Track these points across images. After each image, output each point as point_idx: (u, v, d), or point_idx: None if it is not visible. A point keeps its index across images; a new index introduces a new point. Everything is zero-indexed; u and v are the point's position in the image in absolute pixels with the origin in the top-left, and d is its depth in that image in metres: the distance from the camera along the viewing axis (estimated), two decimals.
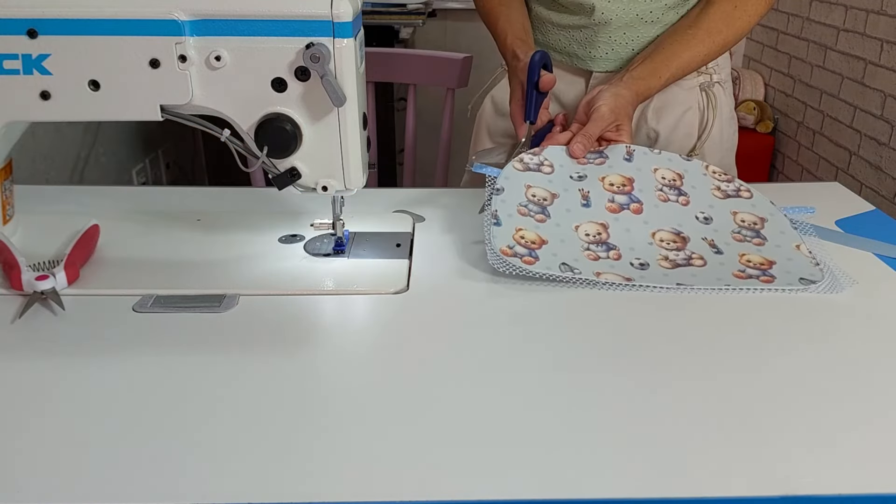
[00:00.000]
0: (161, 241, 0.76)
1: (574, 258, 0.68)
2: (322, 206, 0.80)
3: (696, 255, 0.71)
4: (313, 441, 0.47)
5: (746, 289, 0.66)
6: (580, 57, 0.98)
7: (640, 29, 0.94)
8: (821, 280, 0.67)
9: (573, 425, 0.49)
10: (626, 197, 0.75)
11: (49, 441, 0.47)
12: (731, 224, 0.75)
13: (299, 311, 0.63)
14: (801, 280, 0.67)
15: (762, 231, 0.74)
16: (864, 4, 2.24)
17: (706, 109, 1.00)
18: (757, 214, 0.76)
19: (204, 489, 0.43)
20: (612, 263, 0.68)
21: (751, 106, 2.76)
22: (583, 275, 0.66)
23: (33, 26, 0.61)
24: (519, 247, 0.68)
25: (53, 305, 0.62)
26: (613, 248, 0.70)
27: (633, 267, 0.68)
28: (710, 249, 0.71)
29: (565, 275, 0.66)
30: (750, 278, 0.67)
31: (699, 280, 0.67)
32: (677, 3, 0.93)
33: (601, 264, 0.68)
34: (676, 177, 0.78)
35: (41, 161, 1.44)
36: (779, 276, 0.68)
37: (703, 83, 0.99)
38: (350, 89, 0.63)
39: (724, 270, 0.69)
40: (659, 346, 0.58)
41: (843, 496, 0.43)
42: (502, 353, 0.57)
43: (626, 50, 0.95)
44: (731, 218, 0.75)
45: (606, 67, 0.97)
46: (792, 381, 0.54)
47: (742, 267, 0.69)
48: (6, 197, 0.74)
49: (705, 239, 0.73)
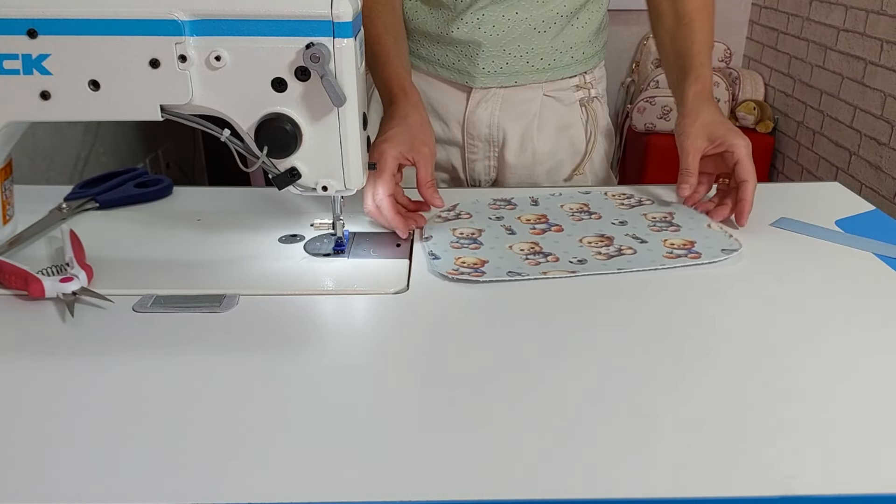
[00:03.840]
0: (161, 241, 0.76)
1: (518, 267, 0.71)
2: (322, 206, 0.80)
3: (626, 246, 0.75)
4: (313, 441, 0.47)
5: (683, 266, 0.71)
6: (470, 73, 0.95)
7: (534, 40, 0.94)
8: (739, 248, 0.73)
9: (573, 424, 0.49)
10: (545, 224, 0.81)
11: (48, 441, 0.47)
12: (645, 221, 0.81)
13: (299, 311, 0.63)
14: (724, 251, 0.73)
15: (674, 220, 0.81)
16: (864, 4, 2.24)
17: (587, 124, 1.01)
18: (664, 210, 0.84)
19: (204, 489, 0.43)
20: (553, 265, 0.71)
21: (751, 106, 2.76)
22: (530, 276, 0.69)
23: (33, 26, 0.61)
24: (463, 268, 0.70)
25: (97, 301, 0.63)
26: (550, 254, 0.74)
27: (572, 264, 0.71)
28: (636, 241, 0.76)
29: (514, 279, 0.68)
30: (679, 257, 0.72)
31: (635, 264, 0.71)
32: (571, 11, 0.93)
33: (544, 266, 0.71)
34: (582, 206, 0.85)
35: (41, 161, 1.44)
36: (703, 252, 0.73)
37: (582, 98, 1.00)
38: (350, 89, 0.63)
39: (654, 255, 0.73)
40: (659, 346, 0.58)
41: (843, 496, 0.43)
42: (502, 353, 0.57)
43: (519, 62, 0.95)
44: (642, 219, 0.82)
45: (490, 84, 0.96)
46: (792, 381, 0.54)
47: (668, 249, 0.74)
48: (6, 197, 0.74)
49: (628, 234, 0.78)
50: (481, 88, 0.96)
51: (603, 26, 1.00)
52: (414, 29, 0.97)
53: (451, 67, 0.96)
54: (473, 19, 0.92)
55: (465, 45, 0.93)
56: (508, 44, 0.93)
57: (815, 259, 0.73)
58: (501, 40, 0.92)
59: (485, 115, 0.97)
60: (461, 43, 0.93)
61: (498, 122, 0.98)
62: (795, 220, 0.82)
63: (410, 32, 0.97)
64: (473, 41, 0.92)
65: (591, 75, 1.00)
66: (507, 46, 0.93)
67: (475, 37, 0.92)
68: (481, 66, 0.94)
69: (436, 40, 0.95)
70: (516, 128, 0.98)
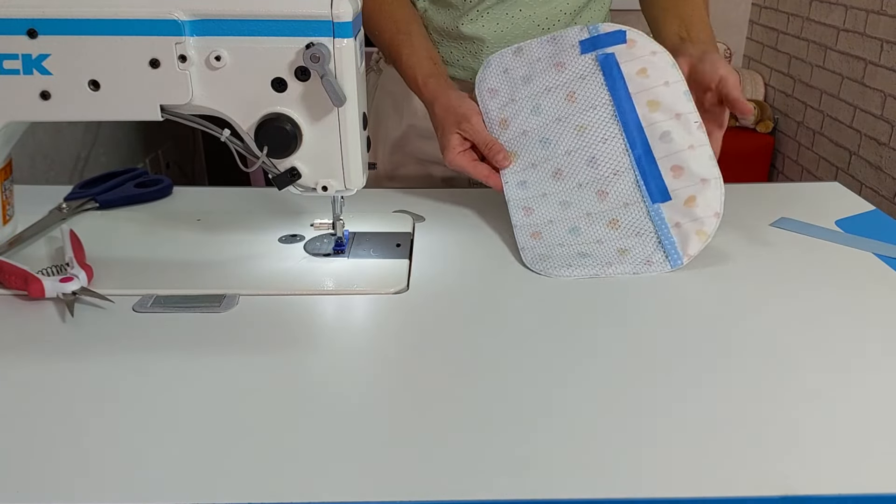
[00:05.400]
0: (161, 241, 0.76)
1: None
2: (322, 206, 0.80)
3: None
4: (313, 441, 0.47)
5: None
6: (474, 70, 0.94)
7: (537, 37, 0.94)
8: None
9: (573, 424, 0.49)
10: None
11: (48, 441, 0.47)
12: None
13: (299, 311, 0.63)
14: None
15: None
16: (864, 4, 2.24)
17: None
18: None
19: (204, 489, 0.43)
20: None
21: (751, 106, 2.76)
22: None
23: (33, 26, 0.61)
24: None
25: (97, 301, 0.63)
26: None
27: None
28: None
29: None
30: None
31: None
32: (574, 9, 0.93)
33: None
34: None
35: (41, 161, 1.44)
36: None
37: None
38: (350, 89, 0.63)
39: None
40: (659, 346, 0.58)
41: (843, 496, 0.43)
42: (502, 353, 0.57)
43: None
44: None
45: None
46: (792, 381, 0.54)
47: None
48: (6, 197, 0.74)
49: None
50: None
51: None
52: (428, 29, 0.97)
53: (456, 64, 0.96)
54: (478, 17, 0.92)
55: (469, 42, 0.94)
56: (512, 41, 0.93)
57: (815, 259, 0.73)
58: (505, 37, 0.93)
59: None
60: (466, 39, 0.93)
61: None
62: (795, 220, 0.82)
63: None
64: (478, 38, 0.93)
65: None
66: (510, 43, 0.93)
67: (479, 33, 0.92)
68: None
69: (443, 37, 0.95)
70: None
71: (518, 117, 0.80)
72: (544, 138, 0.78)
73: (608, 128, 0.77)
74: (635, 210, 0.74)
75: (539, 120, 0.79)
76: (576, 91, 0.78)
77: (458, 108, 0.81)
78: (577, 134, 0.77)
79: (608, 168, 0.76)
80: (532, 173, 0.78)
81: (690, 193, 0.73)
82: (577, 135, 0.77)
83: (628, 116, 0.76)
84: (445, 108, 0.82)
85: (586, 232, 0.74)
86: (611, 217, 0.74)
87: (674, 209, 0.73)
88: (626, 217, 0.74)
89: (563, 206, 0.76)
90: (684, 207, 0.72)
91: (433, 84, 0.85)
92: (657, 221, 0.73)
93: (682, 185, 0.73)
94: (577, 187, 0.76)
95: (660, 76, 0.77)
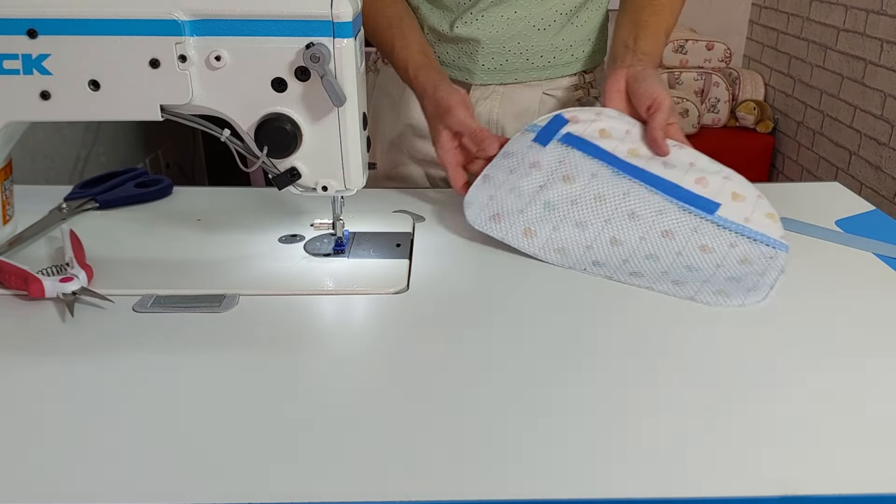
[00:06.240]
0: (161, 241, 0.76)
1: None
2: (322, 206, 0.80)
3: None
4: (313, 441, 0.47)
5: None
6: (469, 70, 0.95)
7: (534, 38, 0.93)
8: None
9: (573, 425, 0.49)
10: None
11: (48, 441, 0.47)
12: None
13: (299, 311, 0.63)
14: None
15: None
16: (864, 4, 2.24)
17: None
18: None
19: (204, 489, 0.43)
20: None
21: (751, 106, 2.76)
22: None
23: (33, 26, 0.61)
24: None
25: (97, 301, 0.63)
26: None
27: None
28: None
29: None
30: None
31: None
32: (571, 9, 0.93)
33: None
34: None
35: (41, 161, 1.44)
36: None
37: (581, 98, 1.00)
38: (350, 89, 0.63)
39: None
40: (659, 345, 0.58)
41: (843, 496, 0.43)
42: (502, 353, 0.57)
43: (519, 60, 0.95)
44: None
45: (490, 81, 0.96)
46: (792, 381, 0.54)
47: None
48: (6, 197, 0.74)
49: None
50: (481, 86, 0.96)
51: (604, 25, 1.00)
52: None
53: (452, 65, 0.96)
54: (473, 19, 0.92)
55: (465, 43, 0.94)
56: (508, 41, 0.93)
57: (815, 259, 0.73)
58: (501, 38, 0.92)
59: (484, 112, 0.97)
60: (461, 40, 0.93)
61: (497, 120, 0.98)
62: (795, 220, 0.82)
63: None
64: (473, 38, 0.92)
65: (591, 75, 1.00)
66: (506, 44, 0.93)
67: (475, 34, 0.92)
68: (481, 63, 0.94)
69: (437, 37, 0.95)
70: (515, 125, 0.98)
71: (542, 221, 0.74)
72: (578, 222, 0.74)
73: (621, 182, 0.76)
74: (706, 228, 0.73)
75: (560, 212, 0.75)
76: (568, 172, 0.77)
77: (442, 101, 0.81)
78: (600, 203, 0.75)
79: (651, 210, 0.74)
80: (592, 254, 0.72)
81: (729, 191, 0.75)
82: (600, 203, 0.75)
83: (625, 166, 0.77)
84: (434, 103, 0.82)
85: (680, 268, 0.70)
86: (699, 244, 0.72)
87: (730, 210, 0.74)
88: (705, 237, 0.72)
89: (650, 260, 0.71)
90: (735, 203, 0.74)
91: (423, 76, 0.85)
92: (732, 226, 0.73)
93: (714, 190, 0.75)
94: (641, 241, 0.73)
95: (621, 127, 0.80)
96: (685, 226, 0.73)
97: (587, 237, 0.73)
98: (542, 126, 0.81)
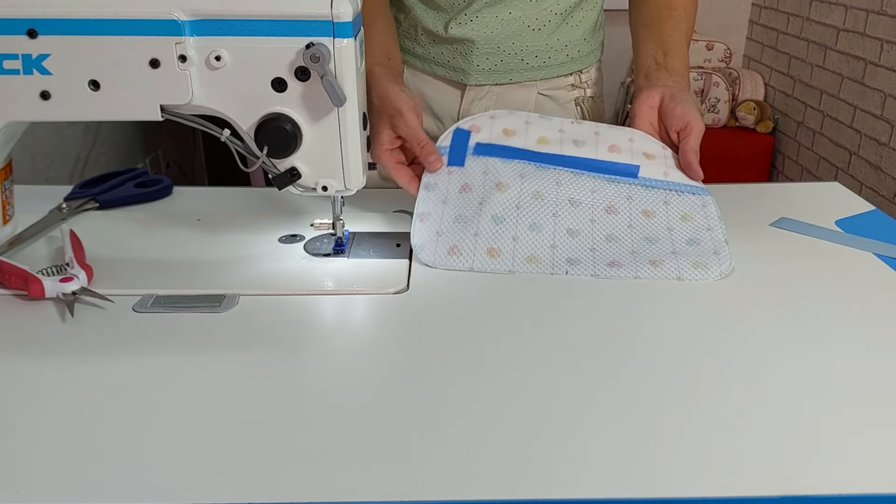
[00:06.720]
0: (161, 241, 0.76)
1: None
2: (322, 206, 0.80)
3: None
4: (313, 441, 0.47)
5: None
6: (464, 71, 0.95)
7: (528, 38, 0.94)
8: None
9: (573, 424, 0.49)
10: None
11: (48, 441, 0.47)
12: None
13: (299, 311, 0.63)
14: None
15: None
16: (864, 4, 2.24)
17: None
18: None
19: (204, 489, 0.43)
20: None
21: (751, 106, 2.76)
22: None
23: (33, 26, 0.61)
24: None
25: (97, 301, 0.63)
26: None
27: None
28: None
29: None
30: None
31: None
32: (565, 9, 0.93)
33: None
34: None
35: (41, 161, 1.44)
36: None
37: (577, 98, 1.00)
38: (350, 89, 0.63)
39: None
40: (659, 345, 0.58)
41: (843, 496, 0.43)
42: (502, 353, 0.57)
43: (513, 60, 0.95)
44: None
45: (484, 81, 0.96)
46: (792, 381, 0.54)
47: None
48: (6, 197, 0.74)
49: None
50: (475, 86, 0.96)
51: (599, 25, 1.00)
52: (412, 26, 0.97)
53: (446, 65, 0.96)
54: (468, 19, 0.92)
55: (459, 43, 0.93)
56: (503, 41, 0.93)
57: (815, 259, 0.73)
58: (495, 38, 0.92)
59: (479, 113, 0.97)
60: (456, 41, 0.93)
61: None
62: (795, 220, 0.82)
63: (408, 30, 0.97)
64: (468, 39, 0.92)
65: (587, 74, 1.00)
66: (501, 44, 0.93)
67: (469, 35, 0.92)
68: (475, 63, 0.94)
69: (432, 38, 0.95)
70: None
71: (500, 235, 0.73)
72: (532, 225, 0.74)
73: (548, 174, 0.78)
74: (637, 194, 0.77)
75: (510, 221, 0.74)
76: (497, 180, 0.77)
77: (394, 102, 0.78)
78: (540, 200, 0.75)
79: (586, 190, 0.77)
80: (560, 252, 0.72)
81: (640, 151, 0.79)
82: (541, 200, 0.75)
83: (543, 157, 0.79)
84: (382, 99, 0.80)
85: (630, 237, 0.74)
86: (640, 210, 0.76)
87: (648, 169, 0.78)
88: (641, 202, 0.77)
89: (611, 242, 0.72)
90: (649, 162, 0.79)
91: (378, 72, 0.83)
92: (657, 184, 0.77)
93: (627, 155, 0.79)
94: (593, 224, 0.74)
95: (519, 120, 0.83)
96: (620, 195, 0.77)
97: (546, 237, 0.73)
98: (447, 146, 0.80)
